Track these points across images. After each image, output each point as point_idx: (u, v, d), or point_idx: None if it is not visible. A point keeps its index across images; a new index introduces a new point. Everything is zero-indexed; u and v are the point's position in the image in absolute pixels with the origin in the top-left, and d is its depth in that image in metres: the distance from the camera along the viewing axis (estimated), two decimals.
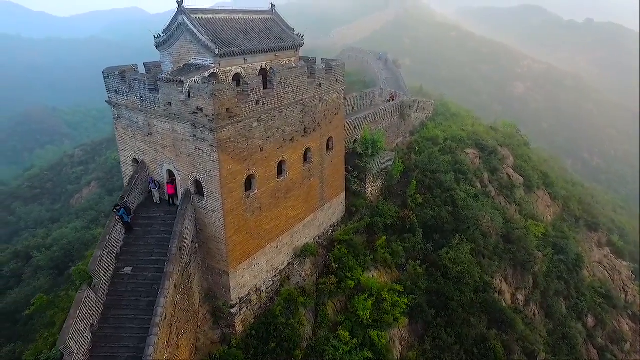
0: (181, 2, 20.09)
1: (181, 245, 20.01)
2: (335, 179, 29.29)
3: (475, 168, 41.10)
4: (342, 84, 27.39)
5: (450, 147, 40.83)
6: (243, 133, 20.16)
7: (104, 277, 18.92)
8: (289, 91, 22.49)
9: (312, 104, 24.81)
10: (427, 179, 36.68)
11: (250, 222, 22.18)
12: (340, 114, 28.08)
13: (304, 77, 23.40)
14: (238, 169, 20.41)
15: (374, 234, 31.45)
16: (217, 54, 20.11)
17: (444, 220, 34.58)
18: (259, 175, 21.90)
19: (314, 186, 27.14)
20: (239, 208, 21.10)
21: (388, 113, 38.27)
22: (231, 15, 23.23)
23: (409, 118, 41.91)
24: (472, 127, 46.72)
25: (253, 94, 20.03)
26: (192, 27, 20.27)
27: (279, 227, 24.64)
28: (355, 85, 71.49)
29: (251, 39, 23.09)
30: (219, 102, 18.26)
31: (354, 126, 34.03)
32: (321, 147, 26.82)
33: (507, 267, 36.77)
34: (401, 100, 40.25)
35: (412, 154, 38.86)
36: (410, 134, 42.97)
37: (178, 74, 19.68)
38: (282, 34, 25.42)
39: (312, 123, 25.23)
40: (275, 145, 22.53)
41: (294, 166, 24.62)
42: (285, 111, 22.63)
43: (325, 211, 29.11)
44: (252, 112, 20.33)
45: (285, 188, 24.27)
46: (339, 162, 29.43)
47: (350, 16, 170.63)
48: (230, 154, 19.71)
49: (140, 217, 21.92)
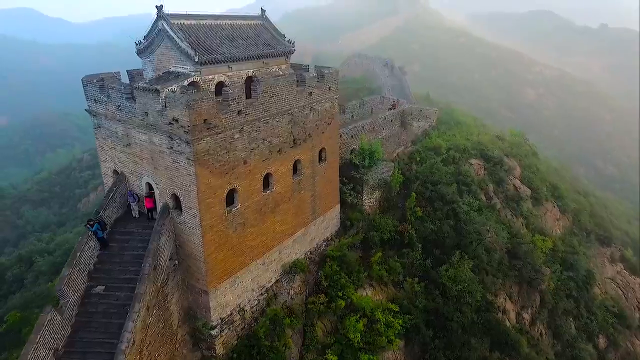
0: (160, 8, 19.11)
1: (156, 263, 18.86)
2: (328, 191, 27.97)
3: (480, 179, 39.39)
4: (335, 93, 26.15)
5: (454, 157, 39.21)
6: (223, 145, 19.01)
7: (72, 297, 17.82)
8: (275, 100, 21.31)
9: (302, 113, 23.60)
10: (428, 191, 35.12)
11: (232, 238, 20.96)
12: (333, 123, 26.81)
13: (292, 85, 22.22)
14: (218, 183, 19.24)
15: (370, 249, 30.01)
16: (197, 61, 19.04)
17: (445, 234, 32.97)
18: (241, 189, 20.70)
19: (305, 199, 25.86)
20: (219, 224, 19.90)
21: (388, 122, 36.88)
22: (216, 21, 22.20)
23: (411, 127, 40.45)
24: (478, 137, 45.00)
25: (234, 104, 18.88)
26: (171, 34, 19.26)
27: (266, 243, 23.38)
28: (360, 92, 70.34)
29: (237, 46, 22.01)
30: (195, 112, 17.14)
31: (351, 135, 32.73)
32: (313, 158, 25.56)
33: (512, 285, 34.96)
34: (402, 108, 38.83)
35: (413, 165, 37.37)
36: (412, 144, 41.47)
37: (155, 83, 18.66)
38: (272, 40, 24.32)
39: (302, 134, 24.00)
40: (260, 158, 21.34)
41: (282, 179, 23.39)
42: (271, 121, 21.44)
43: (317, 225, 27.78)
44: (234, 123, 19.18)
45: (272, 202, 23.04)
46: (333, 174, 28.12)
47: (359, 22, 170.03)
48: (208, 168, 18.55)
49: (117, 232, 20.86)
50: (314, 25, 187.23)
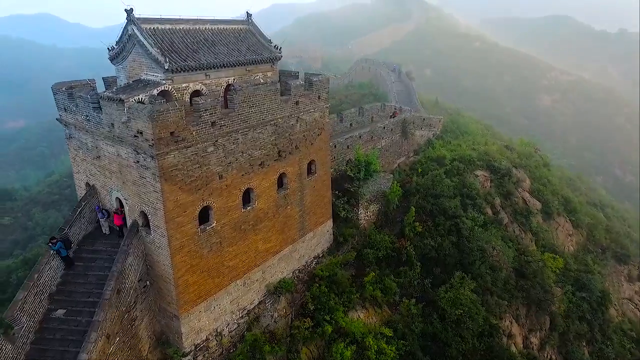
0: (130, 11, 17.80)
1: (120, 287, 17.43)
2: (319, 206, 26.29)
3: (486, 192, 37.19)
4: (325, 102, 24.53)
5: (458, 168, 37.12)
6: (195, 159, 17.53)
7: (27, 322, 16.48)
8: (256, 111, 19.79)
9: (287, 124, 22.03)
10: (429, 205, 33.11)
11: (207, 259, 19.43)
12: (324, 134, 25.17)
13: (276, 94, 20.68)
14: (189, 200, 17.76)
15: (364, 268, 28.16)
16: (168, 68, 17.66)
17: (446, 252, 30.89)
18: (217, 206, 19.18)
19: (292, 215, 24.23)
20: (190, 244, 18.40)
21: (388, 131, 35.07)
22: (195, 26, 20.83)
23: (413, 136, 38.53)
24: (485, 146, 42.74)
25: (207, 115, 17.41)
26: (142, 39, 17.93)
27: (247, 262, 21.80)
28: (365, 98, 68.62)
29: (217, 52, 20.59)
30: (159, 125, 15.71)
31: (347, 145, 31.03)
32: (300, 171, 23.94)
33: (519, 306, 32.63)
34: (403, 116, 36.98)
35: (414, 176, 35.43)
36: (414, 154, 39.55)
37: (121, 92, 17.31)
38: (257, 46, 22.86)
39: (288, 146, 22.42)
40: (239, 172, 19.81)
41: (265, 194, 21.82)
42: (251, 133, 19.92)
43: (306, 242, 26.10)
44: (207, 135, 17.71)
45: (253, 219, 21.46)
46: (324, 187, 26.44)
47: (371, 27, 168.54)
48: (177, 184, 17.09)
49: (84, 249, 19.55)
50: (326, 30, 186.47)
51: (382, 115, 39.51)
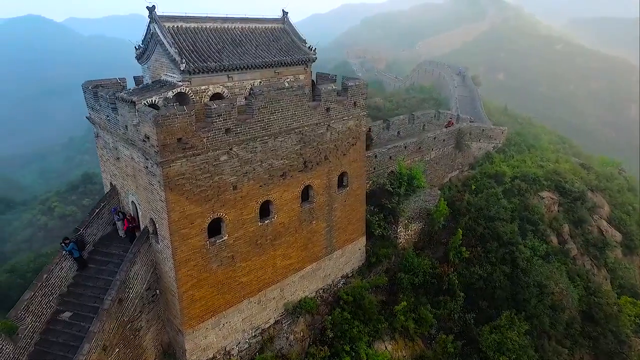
0: (152, 9, 16.94)
1: (123, 296, 16.69)
2: (350, 222, 24.06)
3: (552, 217, 32.36)
4: (362, 108, 22.22)
5: (519, 187, 32.69)
6: (205, 168, 16.26)
7: (33, 323, 16.31)
8: (278, 117, 18.11)
9: (316, 132, 20.10)
10: (481, 228, 29.34)
11: (217, 273, 18.15)
12: (359, 144, 22.88)
13: (302, 99, 18.83)
14: (197, 211, 16.54)
15: (397, 293, 25.42)
16: (184, 69, 16.54)
17: (497, 283, 27.07)
18: (230, 218, 17.80)
19: (318, 231, 22.28)
20: (197, 258, 17.19)
21: (439, 142, 31.71)
22: (223, 25, 19.63)
23: (468, 148, 34.62)
24: (555, 164, 37.44)
25: (220, 121, 16.04)
26: (162, 38, 17.02)
27: (263, 279, 20.25)
28: (425, 103, 64.67)
29: (243, 52, 19.21)
30: (165, 130, 14.59)
31: (390, 156, 28.35)
32: (329, 184, 21.90)
33: (584, 356, 27.80)
34: (458, 126, 33.29)
35: (466, 194, 31.72)
36: (470, 168, 35.60)
37: (136, 93, 16.52)
38: (289, 46, 21.18)
39: (315, 156, 20.50)
40: (256, 183, 18.27)
41: (286, 207, 20.09)
42: (272, 142, 18.27)
43: (334, 260, 24.01)
44: (220, 142, 16.35)
45: (272, 233, 19.84)
46: (357, 202, 24.14)
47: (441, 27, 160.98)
48: (184, 194, 15.91)
49: (99, 251, 19.21)
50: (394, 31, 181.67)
51: (436, 123, 36.07)
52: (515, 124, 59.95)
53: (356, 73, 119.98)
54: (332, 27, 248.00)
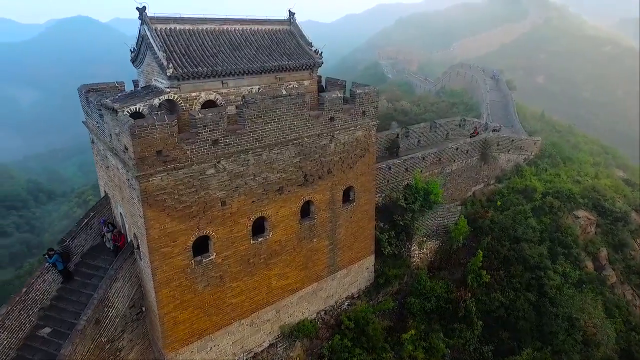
0: (143, 10, 15.85)
1: (100, 316, 15.72)
2: (356, 239, 22.26)
3: (588, 240, 29.18)
4: (372, 118, 20.35)
5: (551, 205, 29.68)
6: (189, 183, 14.99)
7: (8, 339, 15.61)
8: (274, 127, 16.61)
9: (317, 144, 18.45)
10: (505, 249, 26.76)
11: (204, 294, 16.89)
12: (368, 156, 21.03)
13: (302, 108, 17.23)
14: (180, 228, 15.30)
15: (406, 319, 23.38)
16: (171, 74, 15.33)
17: (520, 313, 24.52)
18: (218, 236, 16.48)
19: (320, 249, 20.64)
20: (181, 278, 15.97)
21: (462, 152, 29.23)
22: (222, 26, 18.32)
23: (495, 160, 31.83)
24: (594, 179, 33.95)
25: (206, 132, 14.71)
26: (151, 41, 15.90)
27: (256, 300, 18.84)
28: (455, 108, 61.51)
29: (240, 57, 17.83)
30: (143, 142, 13.40)
31: (406, 168, 26.26)
32: (333, 199, 20.20)
33: None
34: (484, 136, 30.63)
35: (491, 210, 29.11)
36: (497, 181, 32.79)
37: (120, 99, 15.47)
38: (294, 49, 19.63)
39: (317, 169, 18.86)
40: (248, 198, 16.86)
41: (283, 224, 18.57)
42: (267, 154, 16.80)
43: (337, 280, 22.29)
44: (206, 155, 15.03)
45: (266, 252, 18.39)
46: (365, 219, 22.29)
47: (478, 28, 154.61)
48: (165, 210, 14.70)
49: (86, 263, 18.41)
50: (428, 31, 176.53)
51: (461, 132, 33.56)
52: (553, 131, 55.76)
53: (386, 75, 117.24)
54: (366, 27, 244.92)
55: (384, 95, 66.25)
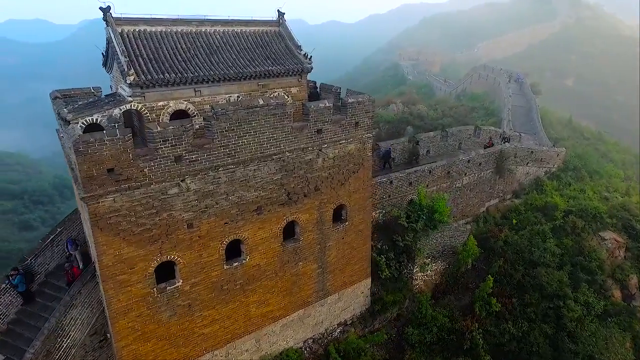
0: (107, 10, 14.34)
1: (52, 347, 14.32)
2: (349, 262, 20.23)
3: (615, 265, 26.16)
4: (366, 130, 18.28)
5: (574, 225, 26.78)
6: (149, 204, 13.35)
7: None
8: (250, 141, 14.81)
9: (302, 159, 16.55)
10: (519, 274, 24.16)
11: (169, 325, 15.26)
12: (362, 172, 18.97)
13: (284, 119, 15.35)
14: (139, 254, 13.69)
15: (404, 351, 21.18)
16: (132, 82, 13.75)
17: (534, 347, 21.95)
18: (185, 261, 14.80)
19: (306, 273, 18.73)
20: (141, 307, 14.37)
21: (474, 165, 26.70)
22: (199, 28, 16.66)
23: (512, 173, 29.08)
24: (624, 196, 30.71)
25: (167, 148, 13.04)
26: (114, 44, 14.36)
27: (232, 329, 17.10)
28: (474, 112, 58.45)
29: (217, 62, 16.11)
30: (90, 159, 11.84)
31: (410, 182, 24.02)
32: (321, 219, 18.25)
33: None
34: (500, 148, 27.95)
35: (505, 229, 26.49)
36: (514, 195, 30.01)
37: (77, 109, 13.98)
38: (281, 53, 17.79)
39: (302, 186, 16.96)
40: (220, 219, 15.12)
41: (263, 247, 16.76)
42: (241, 170, 15.01)
43: (328, 306, 20.32)
44: (167, 173, 13.36)
45: (243, 277, 16.62)
46: (359, 239, 20.23)
47: (505, 28, 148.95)
48: (119, 234, 13.11)
49: (49, 283, 17.06)
50: (452, 32, 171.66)
51: (476, 142, 30.98)
52: (580, 139, 52.02)
53: (407, 76, 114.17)
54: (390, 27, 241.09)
55: (400, 99, 63.72)
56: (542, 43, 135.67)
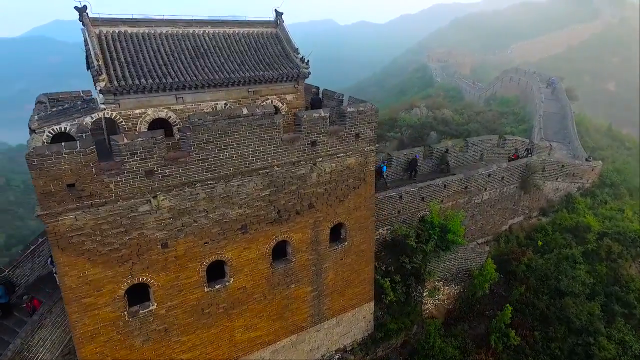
0: (83, 9, 13.30)
1: None
2: (349, 284, 18.52)
3: None
4: (368, 142, 16.52)
5: (609, 250, 23.93)
6: (116, 222, 12.17)
7: None
8: (232, 154, 13.41)
9: (294, 174, 15.00)
10: (543, 303, 21.67)
11: (143, 350, 14.08)
12: (364, 187, 17.22)
13: (271, 130, 13.86)
14: (106, 275, 12.55)
15: None
16: (103, 88, 12.62)
17: None
18: (159, 283, 13.58)
19: (299, 296, 17.18)
20: (111, 332, 13.24)
21: (495, 180, 24.32)
22: (185, 30, 15.41)
23: (539, 189, 26.41)
24: None
25: (135, 161, 11.81)
26: (89, 47, 13.30)
27: (214, 355, 15.77)
28: (503, 118, 55.27)
29: (202, 66, 14.82)
30: (46, 174, 10.76)
31: (422, 197, 22.01)
32: (316, 238, 16.65)
33: None
34: (525, 161, 25.39)
35: (529, 252, 23.98)
36: (541, 213, 27.30)
37: (47, 117, 12.97)
38: (276, 57, 16.31)
39: (293, 203, 15.42)
40: (199, 239, 13.81)
41: (248, 268, 15.34)
42: (222, 186, 13.64)
43: (325, 331, 18.69)
44: (137, 188, 12.14)
45: (227, 300, 15.27)
46: (360, 261, 18.48)
47: (542, 29, 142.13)
48: (84, 254, 12.00)
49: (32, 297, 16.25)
50: (486, 32, 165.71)
51: (501, 153, 28.48)
52: (621, 148, 47.94)
53: (435, 78, 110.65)
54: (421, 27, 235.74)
55: (424, 102, 61.08)
56: (582, 44, 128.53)
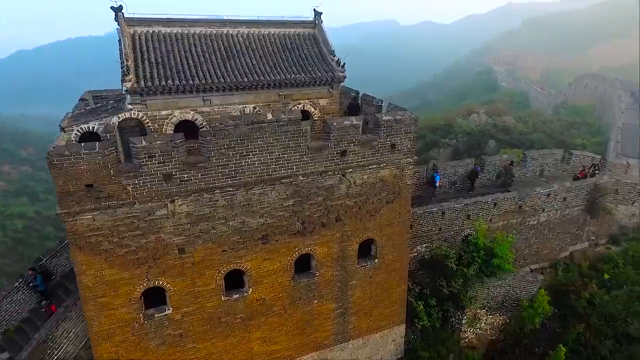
0: (119, 9, 13.37)
1: (40, 358, 13.78)
2: (378, 304, 17.26)
3: None
4: (406, 153, 15.14)
5: None
6: (133, 224, 12.05)
7: None
8: (254, 162, 12.80)
9: (320, 184, 14.09)
10: (605, 349, 18.79)
11: (158, 353, 13.95)
12: (399, 202, 15.86)
13: (298, 138, 13.05)
14: (123, 276, 12.50)
15: None
16: (130, 88, 12.55)
17: None
18: (176, 289, 13.33)
19: (323, 313, 16.25)
20: (126, 332, 13.21)
21: (556, 200, 21.61)
22: (219, 30, 15.05)
23: (610, 214, 23.09)
24: None
25: (154, 164, 11.57)
26: (121, 46, 13.34)
27: None
28: (575, 129, 50.37)
29: (233, 67, 14.35)
30: (66, 173, 10.82)
31: (467, 215, 20.09)
32: (343, 254, 15.61)
33: None
34: (594, 181, 22.30)
35: (592, 284, 21.04)
36: (610, 241, 23.92)
37: (78, 116, 13.18)
38: (312, 59, 15.48)
39: (319, 215, 14.52)
40: (217, 246, 13.37)
41: (269, 280, 14.69)
42: (242, 194, 13.07)
43: (349, 351, 17.59)
44: (154, 192, 11.91)
45: (245, 311, 14.73)
46: (392, 280, 17.13)
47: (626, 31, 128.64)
48: (101, 254, 12.01)
49: (63, 286, 16.79)
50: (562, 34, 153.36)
51: (566, 169, 25.45)
52: None
53: (500, 82, 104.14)
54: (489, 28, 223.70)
55: (484, 108, 57.22)
56: None
